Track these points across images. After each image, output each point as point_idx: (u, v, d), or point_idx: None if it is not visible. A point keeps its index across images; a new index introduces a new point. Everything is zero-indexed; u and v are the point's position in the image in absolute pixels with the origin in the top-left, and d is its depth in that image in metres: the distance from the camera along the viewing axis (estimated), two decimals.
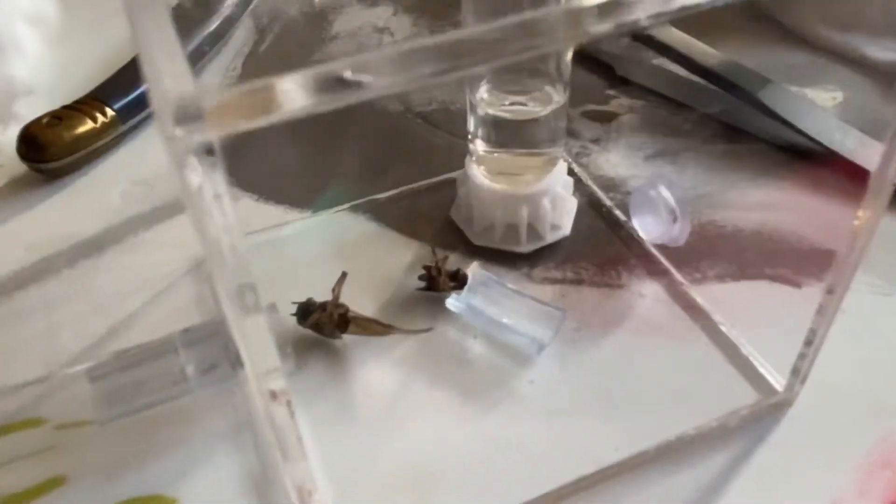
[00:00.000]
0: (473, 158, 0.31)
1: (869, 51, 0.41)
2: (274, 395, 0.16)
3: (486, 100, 0.30)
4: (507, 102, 0.30)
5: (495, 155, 0.31)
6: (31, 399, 0.27)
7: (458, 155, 0.33)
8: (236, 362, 0.25)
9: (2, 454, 0.26)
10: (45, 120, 0.36)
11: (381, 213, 0.34)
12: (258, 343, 0.15)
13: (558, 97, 0.29)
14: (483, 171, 0.31)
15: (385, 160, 0.38)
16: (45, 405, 0.27)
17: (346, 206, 0.34)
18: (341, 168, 0.38)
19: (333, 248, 0.33)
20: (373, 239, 0.33)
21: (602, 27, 0.13)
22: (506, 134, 0.30)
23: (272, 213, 0.35)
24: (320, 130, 0.40)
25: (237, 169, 0.37)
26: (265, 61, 0.44)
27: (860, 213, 0.21)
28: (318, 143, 0.39)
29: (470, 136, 0.31)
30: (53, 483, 0.25)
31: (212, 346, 0.25)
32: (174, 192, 0.36)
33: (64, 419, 0.26)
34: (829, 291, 0.23)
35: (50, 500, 0.24)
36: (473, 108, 0.30)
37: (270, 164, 0.37)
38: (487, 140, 0.30)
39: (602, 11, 0.13)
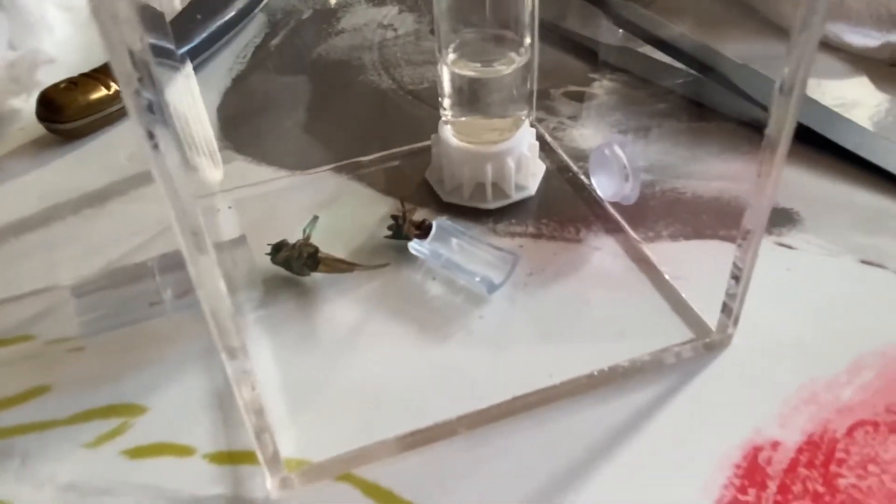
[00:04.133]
0: (444, 121, 0.33)
1: (848, 38, 0.43)
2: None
3: (454, 61, 0.32)
4: (474, 64, 0.32)
5: (463, 118, 0.33)
6: (26, 318, 0.30)
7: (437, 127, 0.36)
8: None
9: None
10: (62, 84, 0.39)
11: (363, 174, 0.37)
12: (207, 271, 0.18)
13: (521, 60, 0.31)
14: (453, 132, 0.33)
15: (373, 129, 0.41)
16: (37, 324, 0.30)
17: (330, 166, 0.37)
18: (332, 134, 0.40)
19: (315, 202, 0.35)
20: (352, 195, 0.35)
21: None
22: (473, 95, 0.32)
23: (264, 173, 0.37)
24: (317, 103, 0.43)
25: (235, 134, 0.40)
26: (273, 52, 0.47)
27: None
28: (313, 113, 0.42)
29: (440, 99, 0.33)
30: (39, 391, 0.27)
31: (188, 273, 0.27)
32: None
33: (53, 336, 0.29)
34: (748, 229, 0.25)
35: (35, 405, 0.27)
36: (443, 71, 0.32)
37: (266, 130, 0.40)
38: (456, 102, 0.33)
39: None
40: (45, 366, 0.28)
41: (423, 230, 0.31)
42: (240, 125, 0.41)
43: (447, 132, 0.33)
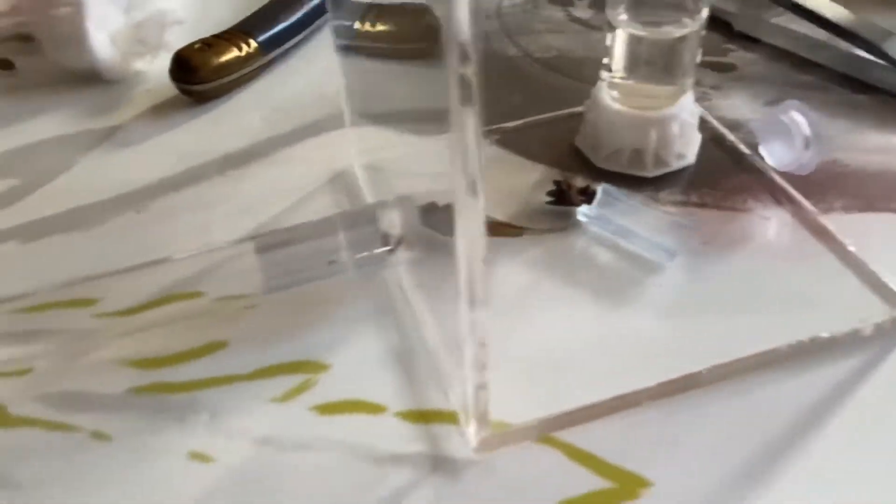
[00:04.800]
0: (605, 83, 0.33)
1: None
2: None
3: (625, 21, 0.31)
4: (638, 21, 0.31)
5: (628, 81, 0.32)
6: (190, 275, 0.30)
7: (577, 95, 0.35)
8: (387, 248, 0.27)
9: (163, 320, 0.28)
10: (196, 45, 0.39)
11: (507, 140, 0.36)
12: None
13: (694, 25, 0.30)
14: (615, 95, 0.32)
15: (507, 97, 0.40)
16: (202, 281, 0.29)
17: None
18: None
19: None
20: (498, 162, 0.35)
21: None
22: (641, 58, 0.31)
23: (392, 137, 0.36)
24: (440, 72, 0.42)
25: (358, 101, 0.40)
26: None
27: None
28: (439, 81, 0.41)
29: (605, 62, 0.32)
30: (215, 346, 0.27)
31: (367, 231, 0.27)
32: (309, 117, 0.38)
33: (221, 294, 0.29)
34: None
35: (212, 360, 0.27)
36: (612, 32, 0.31)
37: (388, 100, 0.40)
38: (623, 65, 0.32)
39: None
40: (217, 322, 0.28)
41: (587, 195, 0.31)
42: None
43: (606, 96, 0.32)
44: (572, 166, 0.34)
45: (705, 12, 0.31)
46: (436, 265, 0.29)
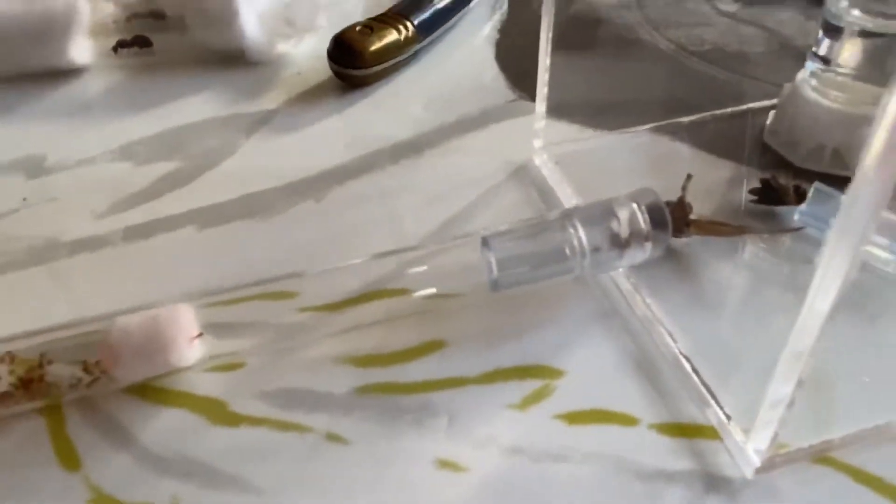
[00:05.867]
0: (811, 76, 0.31)
1: None
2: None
3: (846, 8, 0.29)
4: (870, 14, 0.29)
5: (840, 77, 0.30)
6: (392, 270, 0.28)
7: (739, 89, 0.35)
8: (619, 246, 0.25)
9: (373, 317, 0.26)
10: (357, 28, 0.38)
11: (686, 135, 0.34)
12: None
13: None
14: (820, 89, 0.31)
15: (671, 91, 0.38)
16: (403, 280, 0.28)
17: (647, 126, 0.35)
18: (630, 95, 0.38)
19: (645, 162, 0.33)
20: (683, 157, 0.33)
21: None
22: (860, 53, 0.30)
23: (566, 130, 0.35)
24: (599, 63, 0.40)
25: (528, 87, 0.38)
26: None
27: None
28: (600, 72, 0.39)
29: (813, 49, 0.31)
30: (434, 345, 0.26)
31: (599, 229, 0.25)
32: (473, 106, 0.37)
33: (439, 290, 0.27)
34: None
35: (433, 360, 0.25)
36: (828, 21, 0.30)
37: (560, 89, 0.38)
38: (836, 57, 0.30)
39: None
40: (432, 320, 0.26)
41: (799, 195, 0.29)
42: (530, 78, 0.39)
43: (809, 90, 0.31)
44: (763, 163, 0.32)
45: None
46: (664, 268, 0.27)
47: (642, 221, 0.26)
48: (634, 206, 0.26)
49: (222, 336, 0.26)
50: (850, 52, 0.30)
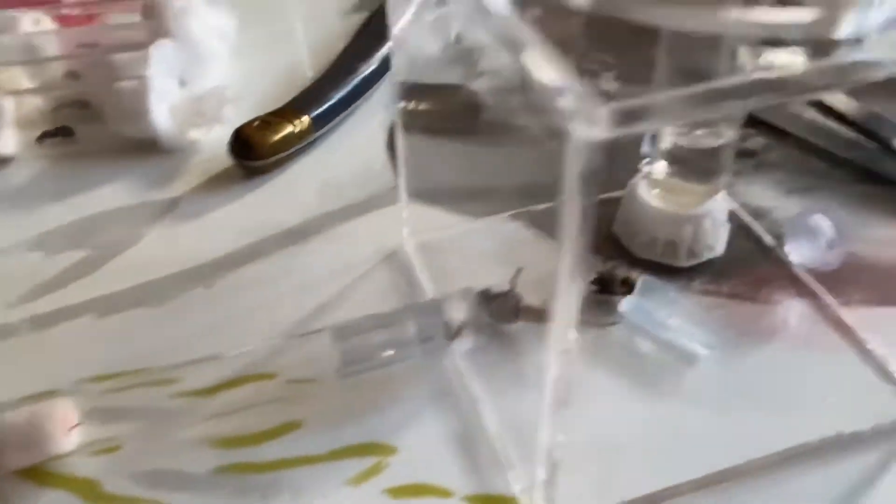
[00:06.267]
0: (645, 179, 0.35)
1: None
2: (568, 350, 0.20)
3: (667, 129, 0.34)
4: (685, 132, 0.34)
5: (667, 178, 0.35)
6: (261, 357, 0.32)
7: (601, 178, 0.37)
8: (449, 336, 0.30)
9: (240, 401, 0.30)
10: (255, 123, 0.42)
11: (542, 223, 0.38)
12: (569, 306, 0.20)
13: (730, 133, 0.33)
14: (654, 191, 0.35)
15: (536, 175, 0.42)
16: (274, 363, 0.32)
17: (507, 213, 0.39)
18: (499, 181, 0.42)
19: (501, 248, 0.37)
20: (537, 245, 0.37)
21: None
22: (681, 160, 0.34)
23: (435, 216, 0.39)
24: (473, 149, 0.45)
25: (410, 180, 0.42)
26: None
27: None
28: (472, 158, 0.44)
29: (645, 160, 0.35)
30: (291, 426, 0.29)
31: (431, 321, 0.29)
32: (361, 193, 0.41)
33: (293, 376, 0.31)
34: None
35: (288, 440, 0.29)
36: (654, 135, 0.34)
37: (437, 178, 0.42)
38: (661, 163, 0.35)
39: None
40: (291, 402, 0.30)
41: (628, 287, 0.33)
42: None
43: (646, 191, 0.35)
44: (609, 252, 0.37)
45: (738, 122, 0.34)
46: (493, 352, 0.32)
47: (470, 314, 0.30)
48: (464, 301, 0.30)
49: (105, 421, 0.29)
50: (670, 156, 0.34)
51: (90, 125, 0.45)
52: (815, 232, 0.33)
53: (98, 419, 0.29)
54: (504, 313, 0.32)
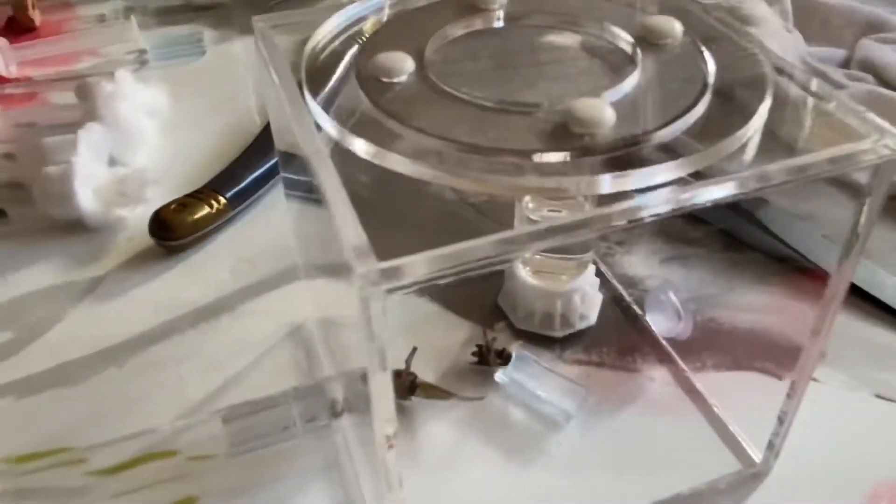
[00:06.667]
0: (519, 258, 0.39)
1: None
2: (388, 439, 0.23)
3: (530, 208, 0.37)
4: (547, 211, 0.37)
5: (537, 257, 0.38)
6: (167, 435, 0.35)
7: None
8: (333, 415, 0.33)
9: (144, 478, 0.33)
10: (172, 206, 0.45)
11: (440, 296, 0.42)
12: (384, 395, 0.23)
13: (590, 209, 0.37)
14: (527, 269, 0.39)
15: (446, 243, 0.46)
16: (178, 440, 0.35)
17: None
18: (402, 250, 0.45)
19: (403, 320, 0.40)
20: (434, 318, 0.41)
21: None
22: None
23: (337, 290, 0.42)
24: (382, 213, 0.48)
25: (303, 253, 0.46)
26: None
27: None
28: (382, 224, 0.47)
29: None
30: (188, 502, 0.32)
31: (315, 401, 0.32)
32: (273, 269, 0.44)
33: (194, 453, 0.34)
34: (795, 381, 0.30)
35: None
36: (522, 215, 0.38)
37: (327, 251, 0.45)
38: None
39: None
40: (190, 479, 0.33)
41: (503, 358, 0.37)
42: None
43: (521, 269, 0.39)
44: (496, 323, 0.40)
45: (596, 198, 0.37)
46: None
47: (359, 392, 0.33)
48: (353, 380, 0.33)
49: (19, 500, 0.32)
50: None
51: (23, 207, 0.48)
52: (667, 305, 0.36)
53: (11, 500, 0.32)
54: (399, 390, 0.35)
